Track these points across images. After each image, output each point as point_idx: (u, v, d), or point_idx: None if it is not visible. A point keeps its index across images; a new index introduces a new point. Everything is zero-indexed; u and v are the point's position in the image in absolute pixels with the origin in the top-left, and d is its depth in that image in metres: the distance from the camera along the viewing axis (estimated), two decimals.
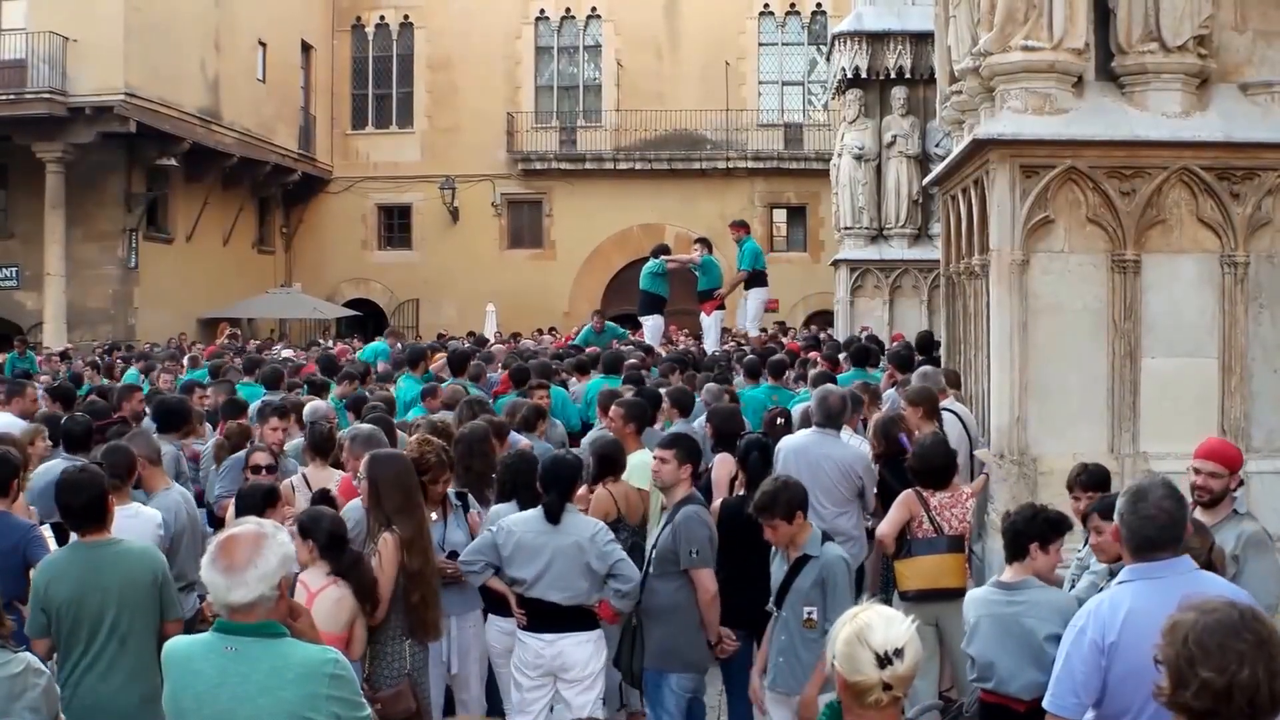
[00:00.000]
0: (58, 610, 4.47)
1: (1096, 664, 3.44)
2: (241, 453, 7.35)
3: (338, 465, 6.80)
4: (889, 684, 2.73)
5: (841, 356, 11.44)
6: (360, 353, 15.84)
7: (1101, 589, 4.34)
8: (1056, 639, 4.35)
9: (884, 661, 2.72)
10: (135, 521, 5.52)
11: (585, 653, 5.35)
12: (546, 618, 5.33)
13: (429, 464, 5.64)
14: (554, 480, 5.40)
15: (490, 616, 5.82)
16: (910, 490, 6.03)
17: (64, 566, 4.56)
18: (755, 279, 15.92)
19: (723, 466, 6.80)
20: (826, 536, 5.24)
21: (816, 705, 4.98)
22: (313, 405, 8.68)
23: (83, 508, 4.64)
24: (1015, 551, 4.65)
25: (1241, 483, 4.90)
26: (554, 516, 5.33)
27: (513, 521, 5.45)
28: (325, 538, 4.77)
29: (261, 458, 6.68)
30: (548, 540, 5.31)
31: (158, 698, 4.58)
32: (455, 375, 10.73)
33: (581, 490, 5.96)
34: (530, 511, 5.46)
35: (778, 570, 5.17)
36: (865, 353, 10.98)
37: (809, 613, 4.97)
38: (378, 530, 5.09)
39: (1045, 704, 3.58)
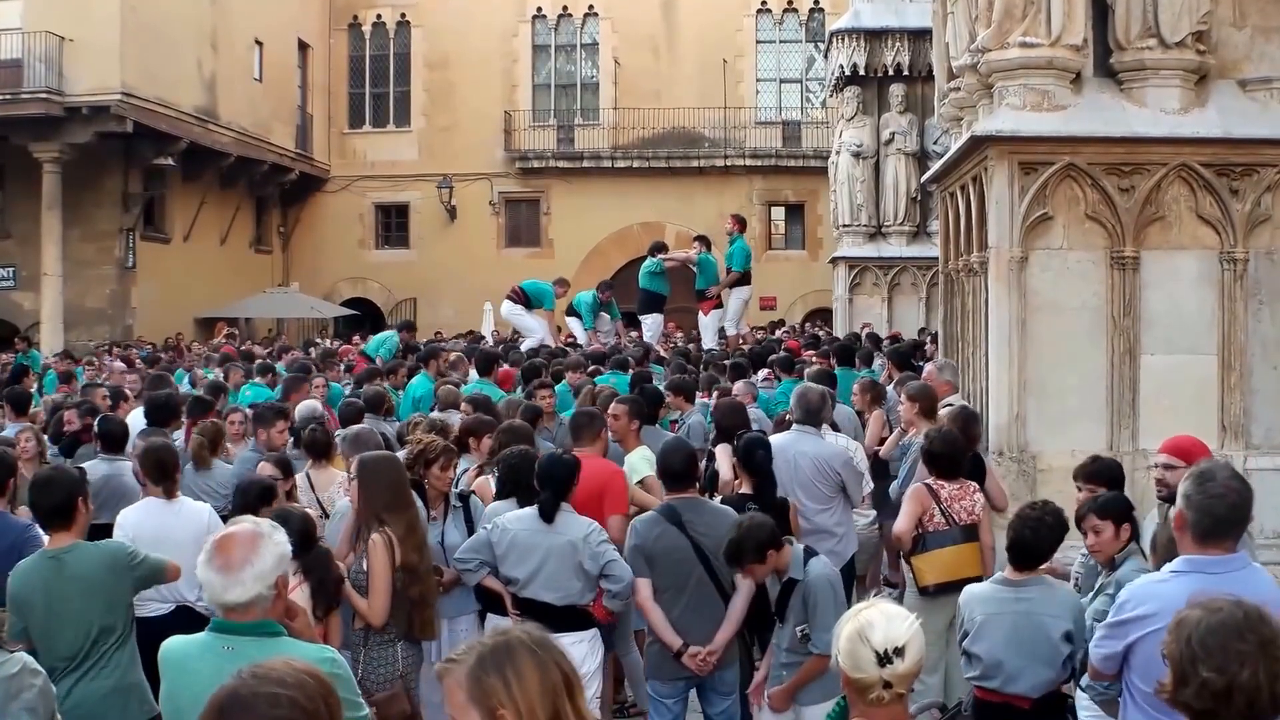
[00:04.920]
0: (30, 618, 4.47)
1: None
2: (247, 452, 7.33)
3: None
4: (889, 682, 2.73)
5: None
6: (367, 345, 15.69)
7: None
8: (1069, 636, 4.35)
9: (884, 660, 2.72)
10: (178, 519, 5.52)
11: (579, 653, 5.31)
12: (540, 617, 5.29)
13: (436, 450, 5.65)
14: (549, 479, 5.38)
15: (489, 615, 5.80)
16: (920, 484, 6.00)
17: (34, 575, 4.55)
18: (740, 278, 15.91)
19: (724, 458, 6.81)
20: (809, 552, 5.09)
21: (788, 699, 4.99)
22: (305, 405, 8.67)
23: (53, 508, 4.62)
24: (1026, 561, 4.59)
25: None
26: (548, 516, 5.32)
27: (508, 520, 5.44)
28: (294, 536, 4.76)
29: (267, 468, 6.39)
30: (541, 540, 5.30)
31: (135, 687, 4.62)
32: (481, 375, 10.64)
33: None
34: (526, 510, 5.45)
35: (772, 588, 5.09)
36: (849, 351, 11.05)
37: (802, 630, 4.93)
38: (368, 532, 5.08)
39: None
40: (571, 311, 16.04)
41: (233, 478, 6.93)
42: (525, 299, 14.98)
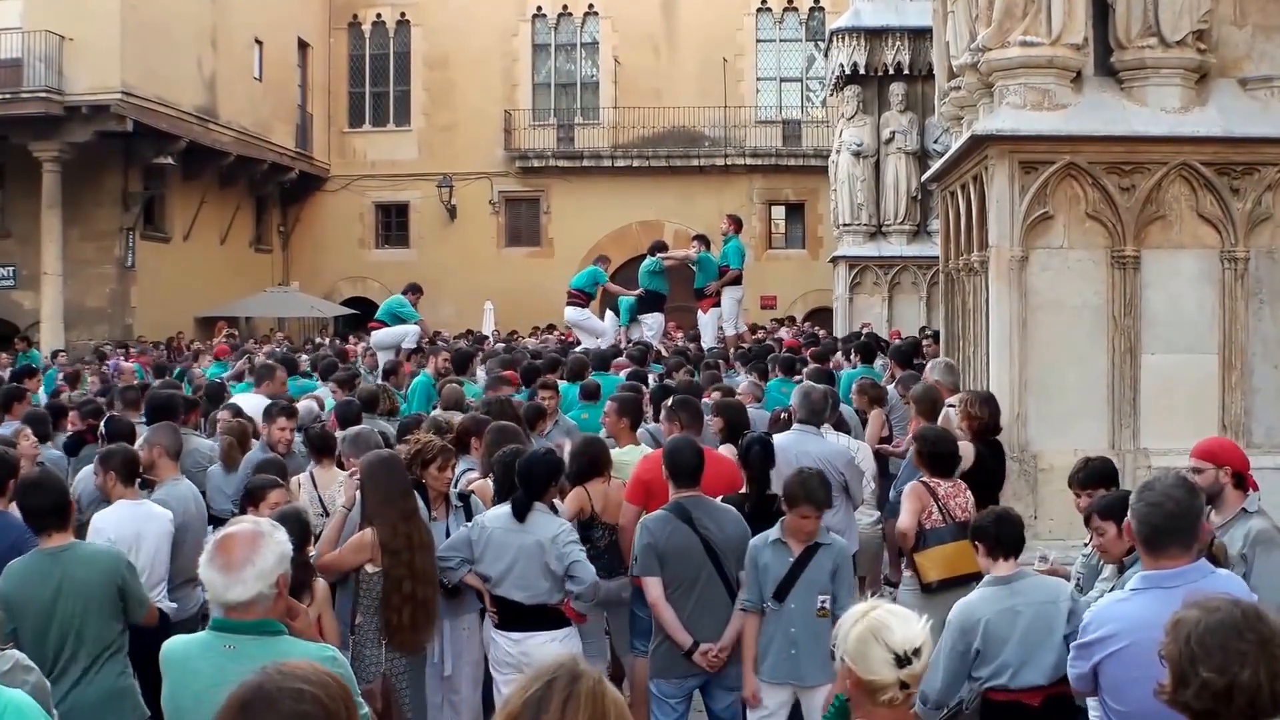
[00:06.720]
0: (22, 618, 4.45)
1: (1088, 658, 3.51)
2: (253, 452, 7.33)
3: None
4: (906, 683, 2.71)
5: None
6: (379, 312, 15.49)
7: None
8: (1070, 616, 4.36)
9: (903, 661, 2.70)
10: (146, 523, 5.50)
11: (551, 651, 5.26)
12: (514, 616, 5.35)
13: (433, 450, 5.65)
14: (526, 478, 5.40)
15: (487, 615, 5.81)
16: (917, 482, 6.01)
17: (26, 575, 4.53)
18: (735, 277, 15.91)
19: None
20: None
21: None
22: (304, 405, 8.68)
23: (45, 509, 4.61)
24: (1016, 548, 4.62)
25: (1242, 480, 4.83)
26: (520, 514, 5.34)
27: (487, 517, 5.50)
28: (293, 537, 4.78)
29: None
30: (514, 538, 5.34)
31: (129, 690, 4.62)
32: (458, 374, 10.71)
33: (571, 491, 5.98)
34: (503, 508, 5.47)
35: (776, 562, 5.08)
36: (870, 350, 11.06)
37: (823, 601, 4.93)
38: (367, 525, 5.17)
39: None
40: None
41: (240, 480, 6.94)
42: (584, 296, 15.10)
